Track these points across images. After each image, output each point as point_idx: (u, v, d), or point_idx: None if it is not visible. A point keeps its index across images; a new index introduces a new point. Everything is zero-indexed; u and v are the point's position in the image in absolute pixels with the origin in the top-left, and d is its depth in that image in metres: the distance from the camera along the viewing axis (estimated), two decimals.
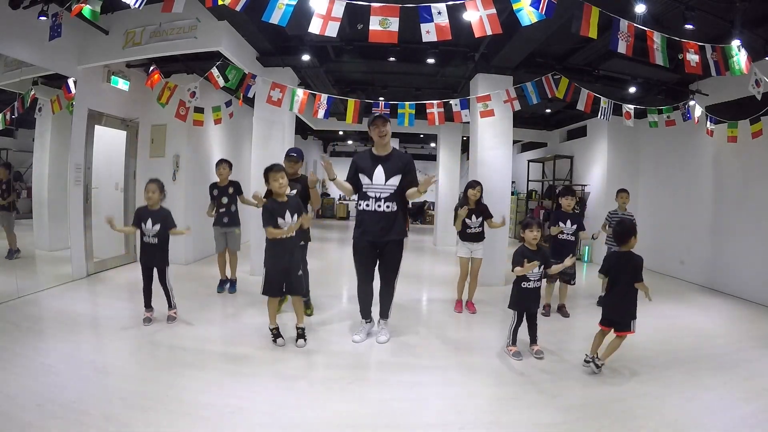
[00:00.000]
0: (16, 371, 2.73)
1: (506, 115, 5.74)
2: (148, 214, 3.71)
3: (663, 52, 3.39)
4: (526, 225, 3.35)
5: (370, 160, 3.53)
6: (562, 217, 4.41)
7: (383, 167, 3.48)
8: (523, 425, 2.42)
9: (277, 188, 3.32)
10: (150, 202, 3.71)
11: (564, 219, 4.39)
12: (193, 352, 3.25)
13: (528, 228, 3.32)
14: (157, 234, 3.70)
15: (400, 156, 3.60)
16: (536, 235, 3.29)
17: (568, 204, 4.43)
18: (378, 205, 3.45)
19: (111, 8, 4.77)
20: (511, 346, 3.36)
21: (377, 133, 3.49)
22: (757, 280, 5.29)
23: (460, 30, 3.27)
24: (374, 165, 3.50)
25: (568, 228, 4.37)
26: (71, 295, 4.56)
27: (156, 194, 3.71)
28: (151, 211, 3.72)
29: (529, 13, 2.97)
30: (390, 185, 3.47)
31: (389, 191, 3.47)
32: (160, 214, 3.74)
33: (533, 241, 3.30)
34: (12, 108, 4.63)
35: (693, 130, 6.17)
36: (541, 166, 10.86)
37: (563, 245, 4.34)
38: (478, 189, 4.44)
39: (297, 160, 4.07)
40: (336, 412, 2.49)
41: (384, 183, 3.47)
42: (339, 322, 4.07)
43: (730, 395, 2.83)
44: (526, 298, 3.31)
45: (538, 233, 3.30)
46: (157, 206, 3.74)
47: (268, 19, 3.01)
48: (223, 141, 7.80)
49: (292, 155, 4.07)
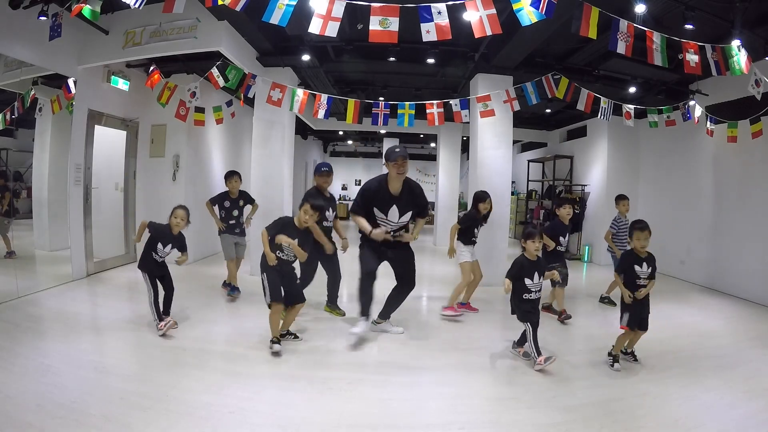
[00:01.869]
0: (16, 371, 2.73)
1: (506, 115, 5.74)
2: (169, 239, 3.63)
3: (662, 52, 3.39)
4: (529, 235, 3.21)
5: (386, 198, 3.56)
6: (561, 230, 4.31)
7: (398, 206, 3.56)
8: (523, 425, 2.42)
9: (302, 223, 3.32)
10: (176, 229, 3.65)
11: (564, 232, 4.31)
12: (193, 352, 3.25)
13: (530, 239, 3.20)
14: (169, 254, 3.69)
15: (411, 190, 3.64)
16: (538, 247, 3.19)
17: (567, 214, 4.33)
18: (389, 233, 3.57)
19: (111, 8, 4.78)
20: (540, 358, 3.07)
21: (397, 170, 3.46)
22: (757, 280, 5.29)
23: (460, 30, 3.27)
24: (390, 203, 3.55)
25: (564, 241, 4.32)
26: (71, 295, 4.56)
27: (183, 222, 3.65)
28: (171, 236, 3.64)
29: (529, 13, 2.97)
30: (403, 221, 3.61)
31: (402, 224, 3.64)
32: (178, 240, 3.69)
33: (535, 252, 3.19)
34: (12, 108, 4.63)
35: (693, 130, 6.18)
36: (541, 166, 10.86)
37: (554, 255, 4.26)
38: (488, 202, 4.35)
39: (329, 173, 4.25)
40: (336, 412, 2.49)
41: (397, 220, 3.60)
42: (339, 322, 4.07)
43: (731, 395, 2.82)
44: (532, 309, 3.21)
45: (540, 244, 3.21)
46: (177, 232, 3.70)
47: (268, 20, 3.01)
48: (223, 141, 7.81)
49: (324, 170, 4.22)
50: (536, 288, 3.20)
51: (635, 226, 3.21)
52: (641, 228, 3.16)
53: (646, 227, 3.16)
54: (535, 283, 3.19)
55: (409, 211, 3.59)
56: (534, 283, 3.18)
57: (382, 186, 3.56)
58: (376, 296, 3.65)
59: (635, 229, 3.19)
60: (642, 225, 3.18)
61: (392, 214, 3.56)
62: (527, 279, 3.18)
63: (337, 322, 4.11)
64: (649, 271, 3.15)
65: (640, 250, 3.18)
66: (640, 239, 3.14)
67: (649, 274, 3.15)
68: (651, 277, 3.15)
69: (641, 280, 3.14)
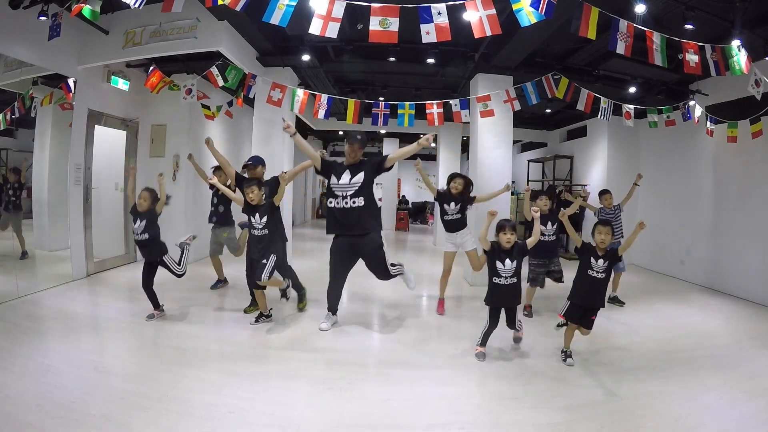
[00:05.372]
0: (16, 371, 2.73)
1: (506, 115, 5.74)
2: (136, 215, 3.87)
3: (662, 52, 3.39)
4: (500, 228, 3.25)
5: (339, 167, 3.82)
6: (541, 219, 4.32)
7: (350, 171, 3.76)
8: (523, 425, 2.42)
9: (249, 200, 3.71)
10: (141, 206, 3.86)
11: (544, 221, 4.25)
12: (193, 352, 3.25)
13: (501, 231, 3.23)
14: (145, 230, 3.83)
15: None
16: (509, 239, 3.21)
17: (544, 204, 4.32)
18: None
19: (111, 8, 4.78)
20: (478, 347, 3.32)
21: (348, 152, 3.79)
22: (757, 280, 5.29)
23: (460, 30, 3.28)
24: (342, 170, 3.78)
25: (549, 230, 4.31)
26: (71, 295, 4.56)
27: (145, 202, 3.86)
28: (137, 212, 3.87)
29: (529, 13, 2.98)
30: (355, 182, 3.72)
31: (353, 189, 3.72)
32: (147, 215, 3.88)
33: (507, 244, 3.21)
34: (12, 108, 4.63)
35: (693, 130, 6.18)
36: (541, 166, 10.85)
37: (545, 247, 4.25)
38: (457, 182, 4.39)
39: (255, 166, 4.25)
40: (336, 412, 2.49)
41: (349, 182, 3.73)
42: (339, 323, 4.07)
43: (731, 395, 2.82)
44: (498, 294, 3.25)
45: (512, 236, 3.22)
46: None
47: (268, 20, 3.01)
48: (223, 141, 7.80)
49: (248, 164, 4.27)
50: (507, 274, 3.21)
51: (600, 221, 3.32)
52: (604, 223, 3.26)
53: (506, 225, 3.26)
54: (506, 268, 3.20)
55: (360, 172, 3.72)
56: (505, 268, 3.19)
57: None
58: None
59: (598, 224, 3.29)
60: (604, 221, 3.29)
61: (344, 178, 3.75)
62: (498, 262, 3.21)
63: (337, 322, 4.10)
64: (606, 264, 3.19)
65: (504, 245, 3.23)
66: (600, 233, 3.20)
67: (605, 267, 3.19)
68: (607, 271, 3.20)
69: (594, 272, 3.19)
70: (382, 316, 4.39)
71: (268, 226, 3.72)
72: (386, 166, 3.75)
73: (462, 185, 4.41)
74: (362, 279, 4.47)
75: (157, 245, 3.90)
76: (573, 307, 3.25)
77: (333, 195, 3.75)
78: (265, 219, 3.70)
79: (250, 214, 3.74)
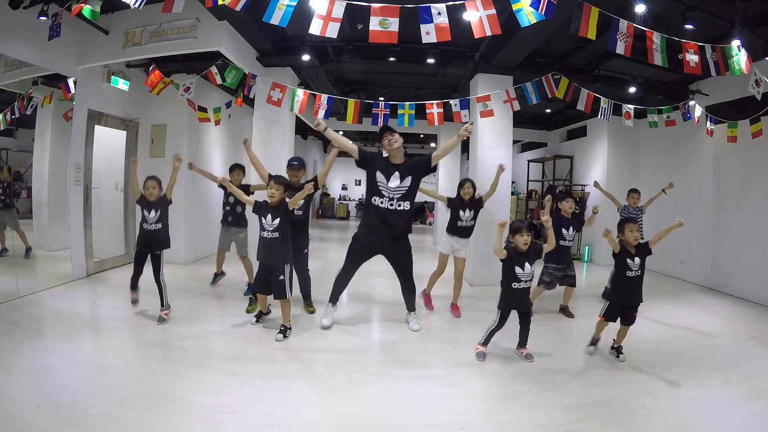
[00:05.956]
0: (16, 371, 2.73)
1: (506, 115, 5.74)
2: (147, 205, 3.90)
3: (662, 52, 3.39)
4: (516, 230, 3.24)
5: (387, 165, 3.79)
6: (564, 223, 4.29)
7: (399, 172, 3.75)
8: (523, 425, 2.42)
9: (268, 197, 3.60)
10: (151, 198, 3.90)
11: (567, 225, 4.29)
12: (193, 352, 3.25)
13: (518, 233, 3.22)
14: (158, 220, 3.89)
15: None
16: (527, 240, 3.20)
17: (569, 207, 4.34)
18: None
19: (111, 8, 4.78)
20: (480, 346, 3.34)
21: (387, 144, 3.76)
22: (757, 280, 5.29)
23: (460, 30, 3.27)
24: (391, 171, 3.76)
25: (569, 235, 4.31)
26: (71, 295, 4.56)
27: (155, 191, 3.91)
28: (148, 202, 3.90)
29: (529, 13, 2.97)
30: (403, 187, 3.73)
31: (401, 192, 3.74)
32: (160, 203, 3.96)
33: (524, 246, 3.21)
34: (12, 108, 4.63)
35: (693, 130, 6.18)
36: (541, 166, 10.85)
37: (561, 251, 4.25)
38: (467, 186, 4.40)
39: (299, 168, 4.18)
40: (336, 412, 2.49)
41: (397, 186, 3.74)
42: (339, 323, 4.07)
43: (731, 395, 2.83)
44: (516, 299, 3.26)
45: (528, 237, 3.23)
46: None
47: (268, 20, 3.01)
48: (223, 141, 7.80)
49: (293, 164, 4.19)
50: (526, 278, 3.23)
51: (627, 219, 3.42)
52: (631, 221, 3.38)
53: (522, 227, 3.27)
54: (526, 272, 3.21)
55: (408, 176, 3.73)
56: (524, 272, 3.21)
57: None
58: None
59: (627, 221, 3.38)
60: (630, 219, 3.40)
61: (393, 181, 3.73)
62: (518, 267, 3.20)
63: (337, 322, 4.10)
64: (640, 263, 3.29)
65: (521, 247, 3.25)
66: (633, 231, 3.30)
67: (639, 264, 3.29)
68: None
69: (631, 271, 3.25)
70: (382, 317, 4.40)
71: (279, 229, 3.57)
72: (432, 165, 3.82)
73: (472, 189, 4.43)
74: (362, 279, 4.48)
75: (166, 235, 3.94)
76: (612, 307, 3.31)
77: (379, 194, 3.72)
78: (277, 221, 3.55)
79: (261, 215, 3.58)
